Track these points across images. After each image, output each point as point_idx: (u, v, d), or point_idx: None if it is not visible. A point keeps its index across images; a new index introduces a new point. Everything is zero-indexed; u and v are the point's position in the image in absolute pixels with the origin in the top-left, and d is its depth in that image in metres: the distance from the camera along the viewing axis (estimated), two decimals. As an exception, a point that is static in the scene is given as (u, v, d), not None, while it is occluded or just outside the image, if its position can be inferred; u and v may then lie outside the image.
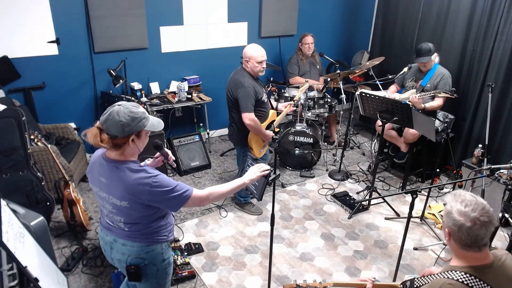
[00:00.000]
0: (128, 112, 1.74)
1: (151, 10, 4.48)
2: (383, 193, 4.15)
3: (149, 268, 1.96)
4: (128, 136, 1.76)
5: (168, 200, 1.81)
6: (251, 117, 3.32)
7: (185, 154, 4.58)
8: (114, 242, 1.96)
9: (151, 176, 1.77)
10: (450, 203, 1.50)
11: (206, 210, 3.89)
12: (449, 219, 1.48)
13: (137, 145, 1.83)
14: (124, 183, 1.77)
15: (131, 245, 1.92)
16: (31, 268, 2.13)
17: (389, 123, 3.68)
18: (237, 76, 3.36)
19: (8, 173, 3.19)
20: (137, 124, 1.77)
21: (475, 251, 1.47)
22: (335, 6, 5.84)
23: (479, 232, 1.42)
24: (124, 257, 1.94)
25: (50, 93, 4.18)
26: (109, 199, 1.86)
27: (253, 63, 3.31)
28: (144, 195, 1.76)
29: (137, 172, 1.78)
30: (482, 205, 1.45)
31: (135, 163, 1.83)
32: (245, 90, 3.26)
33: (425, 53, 3.91)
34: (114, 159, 1.81)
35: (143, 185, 1.76)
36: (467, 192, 1.53)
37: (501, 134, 4.08)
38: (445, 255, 3.30)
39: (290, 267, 3.19)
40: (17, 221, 2.51)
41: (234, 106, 3.40)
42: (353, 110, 4.68)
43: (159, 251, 1.97)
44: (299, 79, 5.00)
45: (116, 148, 1.78)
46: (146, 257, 1.93)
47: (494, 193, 3.55)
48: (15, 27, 3.84)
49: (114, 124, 1.72)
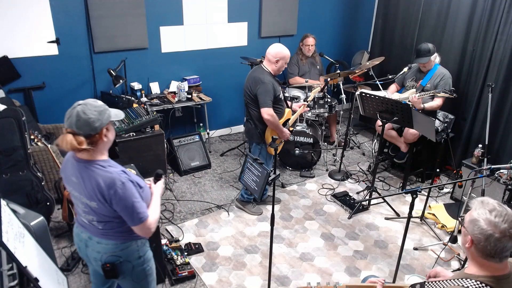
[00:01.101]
0: (93, 108, 1.76)
1: (151, 10, 4.48)
2: (383, 193, 4.15)
3: (124, 265, 1.95)
4: (101, 131, 1.79)
5: (127, 210, 1.79)
6: (270, 112, 3.38)
7: (185, 154, 4.58)
8: (89, 239, 1.96)
9: (119, 183, 1.77)
10: (476, 210, 1.44)
11: (206, 210, 3.89)
12: (475, 228, 1.41)
13: (109, 138, 1.86)
14: (91, 183, 1.78)
15: (106, 243, 1.92)
16: (31, 268, 2.13)
17: (389, 123, 3.68)
18: (256, 73, 3.42)
19: (8, 173, 3.19)
20: (105, 116, 1.80)
21: (495, 261, 1.42)
22: (335, 6, 5.84)
23: (507, 244, 1.38)
24: (99, 255, 1.94)
25: (50, 93, 4.18)
26: (81, 199, 1.87)
27: (282, 63, 3.42)
28: (108, 197, 1.77)
29: (106, 173, 1.78)
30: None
31: (105, 162, 1.83)
32: (264, 86, 3.33)
33: (425, 54, 3.91)
34: (84, 159, 1.82)
35: (108, 188, 1.76)
36: (495, 200, 1.46)
37: (501, 134, 4.08)
38: (445, 255, 3.30)
39: (290, 267, 3.19)
40: (17, 221, 2.51)
41: (253, 102, 3.45)
42: (353, 110, 4.68)
43: (134, 248, 1.96)
44: (298, 79, 5.00)
45: (93, 146, 1.78)
46: (121, 255, 1.93)
47: (494, 193, 3.55)
48: (15, 27, 3.84)
49: (85, 123, 1.73)
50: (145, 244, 2.05)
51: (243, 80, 5.30)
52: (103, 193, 1.77)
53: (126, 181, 1.78)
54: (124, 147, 3.83)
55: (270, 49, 3.42)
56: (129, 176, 1.84)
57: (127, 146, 3.81)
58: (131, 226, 1.85)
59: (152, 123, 3.98)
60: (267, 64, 3.44)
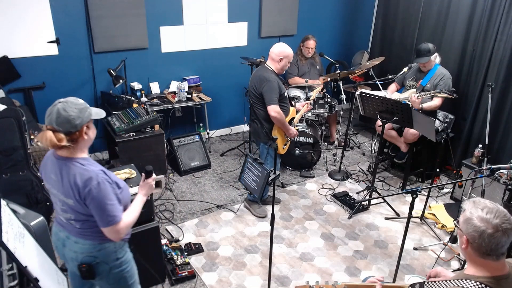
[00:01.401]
0: (74, 105, 1.77)
1: (151, 10, 4.48)
2: (383, 193, 4.15)
3: (101, 266, 1.94)
4: (81, 129, 1.79)
5: (98, 210, 1.78)
6: (276, 109, 3.39)
7: (185, 154, 4.58)
8: (67, 239, 1.95)
9: (95, 182, 1.76)
10: (469, 210, 1.47)
11: (206, 210, 3.89)
12: (469, 226, 1.44)
13: (89, 136, 1.86)
14: (69, 180, 1.78)
15: (83, 243, 1.91)
16: (31, 268, 2.12)
17: (389, 123, 3.68)
18: (261, 72, 3.44)
19: (8, 173, 3.19)
20: (85, 114, 1.80)
21: (492, 259, 1.44)
22: (335, 6, 5.84)
23: (501, 239, 1.40)
24: (75, 255, 1.93)
25: (50, 93, 4.18)
26: (59, 196, 1.87)
27: (286, 62, 3.45)
28: (83, 195, 1.77)
29: (84, 170, 1.78)
30: (504, 212, 1.43)
31: (85, 160, 1.83)
32: (270, 84, 3.35)
33: (424, 54, 3.91)
34: (64, 156, 1.82)
35: (84, 186, 1.76)
36: (486, 199, 1.50)
37: (501, 134, 4.08)
38: (445, 255, 3.30)
39: (290, 267, 3.19)
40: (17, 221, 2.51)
41: (258, 101, 3.46)
42: (353, 110, 4.68)
43: (111, 249, 1.94)
44: (298, 79, 5.00)
45: (73, 143, 1.79)
46: (98, 255, 1.92)
47: (494, 193, 3.55)
48: (15, 27, 3.84)
49: (65, 121, 1.74)
50: (124, 246, 2.03)
51: (243, 80, 5.32)
52: (79, 190, 1.77)
53: (102, 182, 1.77)
54: (124, 147, 3.83)
55: (274, 48, 3.44)
56: (108, 176, 1.83)
57: (127, 146, 3.81)
58: (100, 227, 1.83)
59: (152, 123, 3.98)
60: (271, 63, 3.46)
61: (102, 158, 4.65)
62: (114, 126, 3.90)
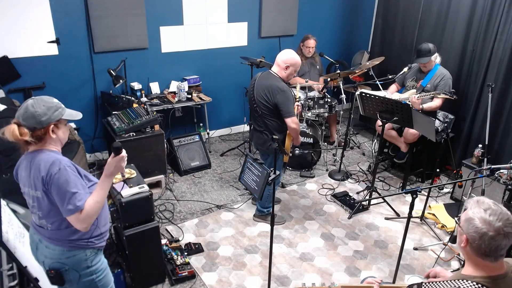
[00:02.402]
0: (43, 102, 1.77)
1: (151, 10, 4.48)
2: (383, 193, 4.15)
3: (71, 273, 1.91)
4: (47, 126, 1.78)
5: (60, 197, 1.75)
6: (296, 121, 3.22)
7: (185, 154, 4.58)
8: (40, 242, 1.94)
9: (57, 168, 1.74)
10: (472, 209, 1.45)
11: (206, 210, 3.89)
12: (470, 226, 1.43)
13: (58, 135, 1.84)
14: (35, 170, 1.78)
15: (53, 249, 1.89)
16: (31, 268, 2.13)
17: (389, 123, 3.68)
18: (271, 81, 3.20)
19: (8, 173, 3.18)
20: (54, 113, 1.79)
21: (490, 260, 1.43)
22: (335, 6, 5.84)
23: (501, 243, 1.38)
24: (46, 259, 1.92)
25: (50, 93, 4.08)
26: (29, 192, 1.86)
27: (292, 70, 3.24)
28: (45, 181, 1.75)
29: (47, 159, 1.77)
30: (507, 215, 1.41)
31: (51, 152, 1.83)
32: (285, 94, 3.14)
33: (425, 54, 3.91)
34: (33, 150, 1.83)
35: (46, 173, 1.74)
36: (490, 200, 1.47)
37: (501, 134, 4.08)
38: (445, 255, 3.30)
39: (290, 267, 3.19)
40: (17, 221, 2.51)
41: (270, 112, 3.23)
42: (353, 110, 4.68)
43: (82, 257, 1.91)
44: (298, 79, 4.99)
45: (39, 141, 1.79)
46: (67, 262, 1.89)
47: (494, 193, 3.55)
48: (15, 27, 3.84)
49: (31, 116, 1.74)
50: (97, 255, 1.98)
51: (243, 80, 5.31)
52: (43, 178, 1.75)
53: (63, 168, 1.75)
54: (124, 147, 3.79)
55: (282, 54, 3.23)
56: (76, 168, 1.82)
57: (127, 146, 3.77)
58: (64, 216, 1.77)
59: (152, 123, 3.98)
60: (277, 69, 3.24)
61: (102, 158, 4.66)
62: (114, 126, 3.90)
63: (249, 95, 3.39)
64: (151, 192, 2.71)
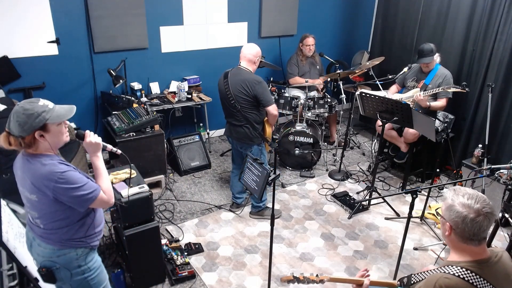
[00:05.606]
0: (22, 110, 1.74)
1: (151, 10, 4.48)
2: (383, 193, 4.15)
3: (62, 272, 1.93)
4: (31, 133, 1.77)
5: (73, 198, 1.80)
6: (275, 107, 3.46)
7: (185, 154, 4.58)
8: (33, 240, 1.97)
9: (58, 172, 1.77)
10: (451, 197, 1.53)
11: (206, 210, 3.89)
12: (452, 212, 1.50)
13: (49, 140, 1.81)
14: (32, 175, 1.79)
15: (45, 247, 1.91)
16: (31, 268, 2.13)
17: (389, 123, 3.68)
18: (245, 75, 3.34)
19: (8, 173, 3.18)
20: (35, 120, 1.74)
21: (474, 244, 1.50)
22: (335, 6, 5.84)
23: (482, 223, 1.45)
24: (38, 257, 1.94)
25: (50, 93, 4.17)
26: (24, 193, 1.89)
27: (259, 60, 3.49)
28: (49, 190, 1.77)
29: (45, 166, 1.78)
30: (484, 197, 1.50)
31: (47, 157, 1.83)
32: (263, 85, 3.32)
33: (428, 54, 3.91)
34: (28, 153, 1.84)
35: (48, 180, 1.76)
36: (466, 187, 1.57)
37: (501, 134, 4.08)
38: (445, 255, 3.30)
39: (290, 267, 3.19)
40: (17, 221, 2.51)
41: (249, 105, 3.35)
42: (353, 110, 4.68)
43: (73, 256, 1.93)
44: (298, 79, 5.00)
45: (30, 147, 1.80)
46: (58, 261, 1.92)
47: (494, 193, 3.55)
48: (15, 27, 3.84)
49: (15, 125, 1.75)
50: (89, 254, 2.00)
51: (243, 80, 5.25)
52: (42, 185, 1.77)
53: (60, 176, 1.78)
54: (124, 147, 3.82)
55: (250, 49, 3.39)
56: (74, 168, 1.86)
57: (127, 146, 3.81)
58: (92, 207, 1.93)
59: (152, 123, 3.98)
60: (247, 64, 3.40)
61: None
62: (114, 126, 3.90)
63: (222, 93, 3.46)
64: (151, 192, 2.71)
